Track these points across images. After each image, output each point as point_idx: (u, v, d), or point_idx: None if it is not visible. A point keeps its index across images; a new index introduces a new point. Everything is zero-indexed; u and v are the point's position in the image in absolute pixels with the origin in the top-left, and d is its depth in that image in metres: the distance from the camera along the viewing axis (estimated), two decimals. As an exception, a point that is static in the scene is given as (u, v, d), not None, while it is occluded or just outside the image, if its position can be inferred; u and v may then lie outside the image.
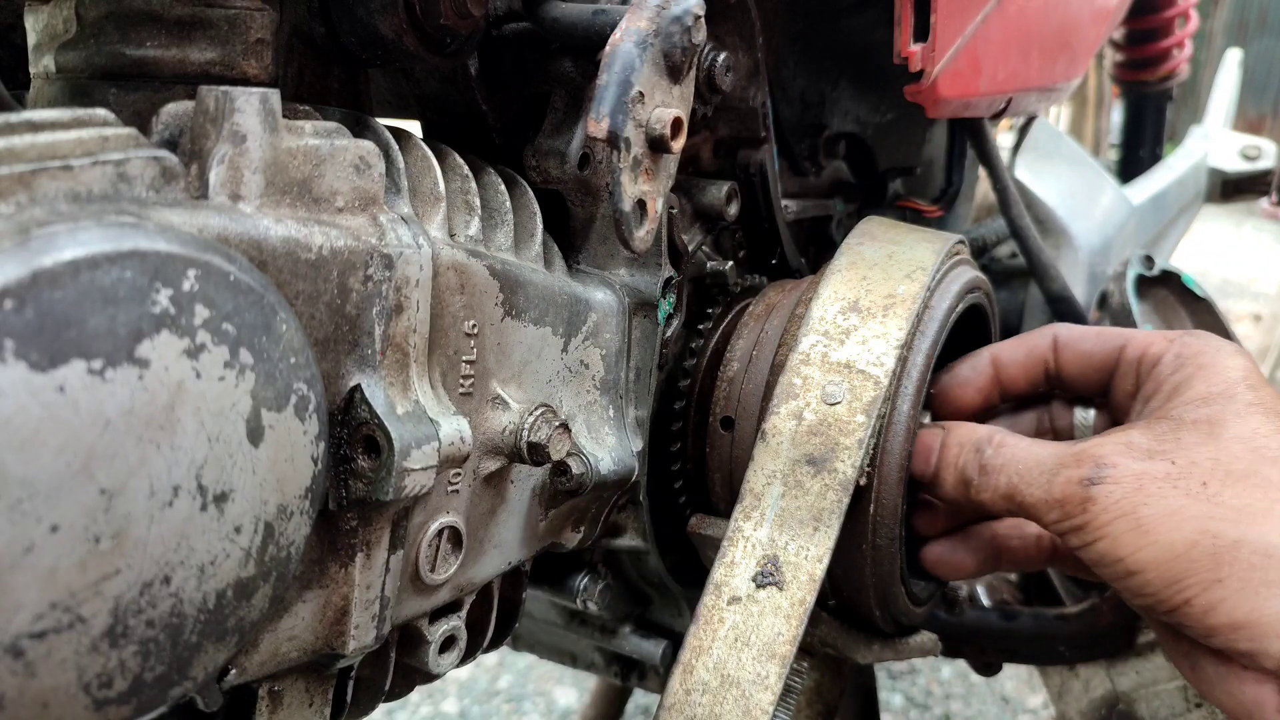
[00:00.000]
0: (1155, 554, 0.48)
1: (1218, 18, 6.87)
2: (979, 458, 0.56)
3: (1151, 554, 0.48)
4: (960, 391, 0.63)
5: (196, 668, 0.35)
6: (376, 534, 0.44)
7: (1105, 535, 0.50)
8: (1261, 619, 0.46)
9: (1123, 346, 0.59)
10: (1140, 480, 0.49)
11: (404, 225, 0.43)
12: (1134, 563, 0.49)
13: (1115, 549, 0.49)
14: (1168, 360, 0.56)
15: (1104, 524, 0.50)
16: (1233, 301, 4.04)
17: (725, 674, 0.50)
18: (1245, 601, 0.46)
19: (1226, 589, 0.46)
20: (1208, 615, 0.47)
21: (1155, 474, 0.49)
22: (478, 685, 1.75)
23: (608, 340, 0.58)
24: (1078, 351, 0.61)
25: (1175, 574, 0.48)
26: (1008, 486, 0.55)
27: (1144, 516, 0.49)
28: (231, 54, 0.44)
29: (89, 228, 0.30)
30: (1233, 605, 0.46)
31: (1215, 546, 0.47)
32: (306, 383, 0.37)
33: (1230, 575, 0.46)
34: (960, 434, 0.58)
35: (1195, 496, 0.48)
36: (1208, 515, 0.47)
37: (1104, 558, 0.50)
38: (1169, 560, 0.48)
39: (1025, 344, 0.63)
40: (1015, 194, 0.88)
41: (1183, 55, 1.78)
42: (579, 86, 0.56)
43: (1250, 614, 0.46)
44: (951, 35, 0.66)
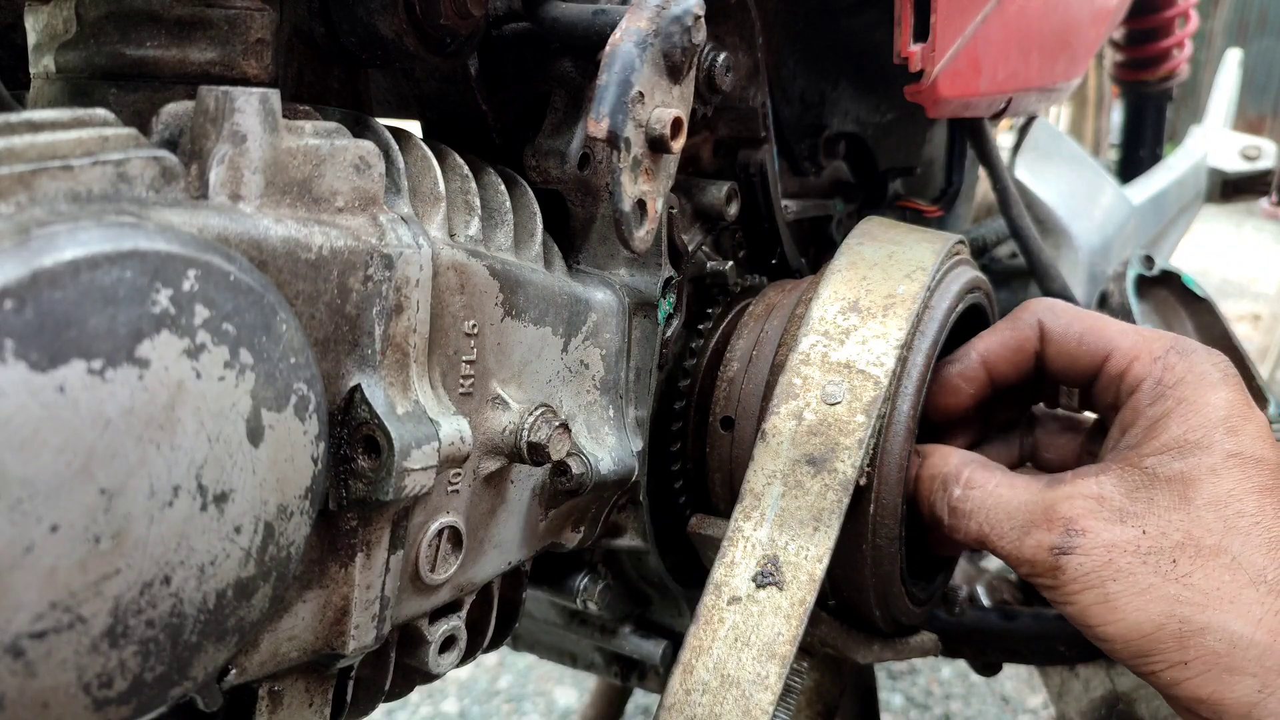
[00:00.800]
0: (1123, 630, 0.49)
1: (1218, 18, 6.86)
2: (948, 497, 0.56)
3: (1119, 630, 0.49)
4: (951, 399, 0.63)
5: (196, 668, 0.35)
6: (376, 534, 0.44)
7: (1074, 604, 0.51)
8: (1224, 701, 0.47)
9: (1106, 357, 0.58)
10: (1110, 553, 0.50)
11: (404, 225, 0.43)
12: (1102, 634, 0.50)
13: (1084, 617, 0.51)
14: (1147, 388, 0.55)
15: (1073, 593, 0.51)
16: (1233, 301, 4.04)
17: (725, 674, 0.50)
18: (1208, 684, 0.48)
19: (1191, 670, 0.48)
20: (1172, 689, 0.49)
21: (1126, 546, 0.50)
22: (478, 685, 1.75)
23: (608, 340, 0.58)
24: (1062, 350, 0.60)
25: (1142, 650, 0.49)
26: (978, 533, 0.55)
27: (1112, 593, 0.50)
28: (231, 54, 0.44)
29: (89, 228, 0.30)
30: (1197, 685, 0.48)
31: (1182, 631, 0.48)
32: (306, 383, 0.37)
33: (1195, 659, 0.48)
34: (932, 465, 0.58)
35: (1165, 576, 0.49)
36: (1175, 597, 0.49)
37: (1075, 619, 0.52)
38: (1136, 639, 0.49)
39: (1013, 338, 0.61)
40: (1015, 194, 0.88)
41: (1183, 55, 1.78)
42: (579, 86, 0.56)
43: (1212, 695, 0.48)
44: (951, 35, 0.66)
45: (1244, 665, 0.47)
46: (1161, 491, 0.51)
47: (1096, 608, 0.50)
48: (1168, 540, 0.50)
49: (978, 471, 0.57)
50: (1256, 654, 0.47)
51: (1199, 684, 0.48)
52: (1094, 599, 0.50)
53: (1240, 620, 0.47)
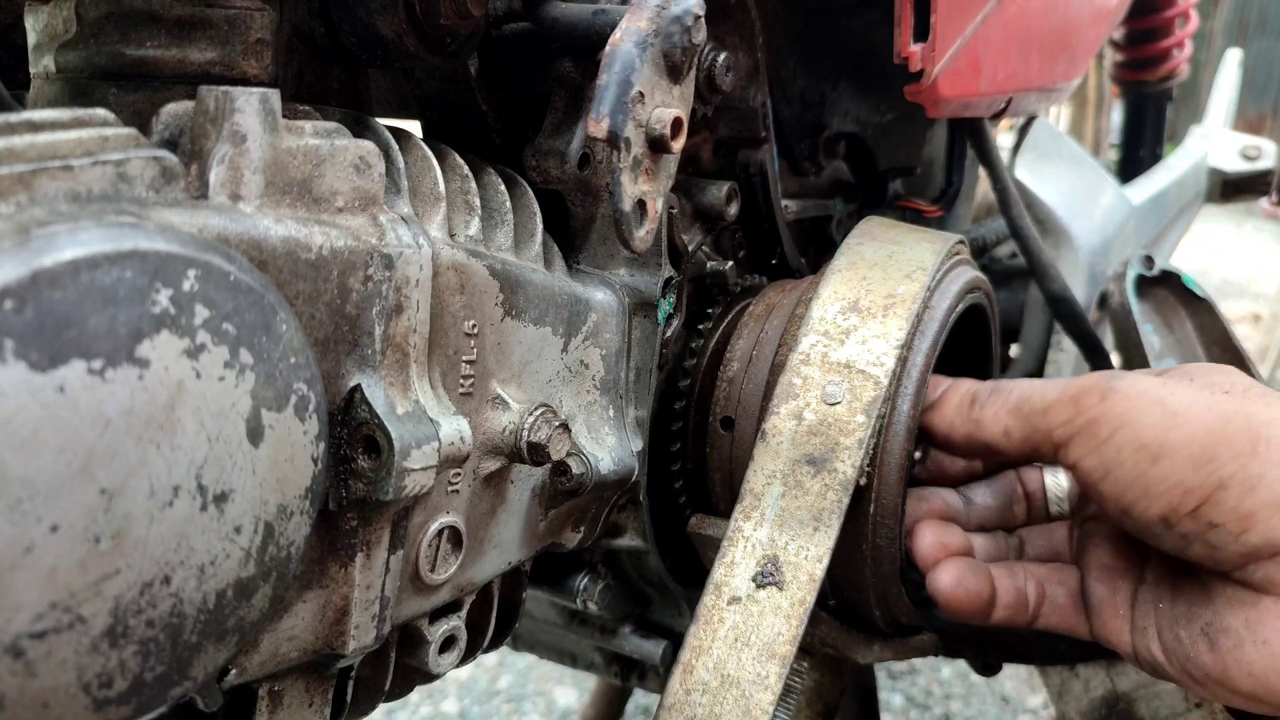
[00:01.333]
0: (1187, 432, 0.45)
1: (1218, 18, 6.87)
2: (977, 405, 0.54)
3: (1182, 434, 0.45)
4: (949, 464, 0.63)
5: (196, 668, 0.35)
6: (376, 534, 0.44)
7: (1127, 422, 0.46)
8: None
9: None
10: (1161, 380, 0.47)
11: (404, 225, 0.43)
12: (1161, 445, 0.45)
13: (1139, 434, 0.46)
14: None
15: (1126, 410, 0.46)
16: (1233, 301, 4.04)
17: (725, 674, 0.50)
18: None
19: (1265, 463, 0.43)
20: (1246, 497, 0.44)
21: (1177, 380, 0.47)
22: (478, 685, 1.75)
23: (608, 340, 0.58)
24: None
25: (1208, 451, 0.44)
26: (1019, 398, 0.52)
27: (1170, 400, 0.46)
28: (231, 54, 0.44)
29: (89, 228, 0.30)
30: (1274, 479, 0.43)
31: (1250, 423, 0.44)
32: (306, 383, 0.37)
33: (1267, 450, 0.44)
34: (960, 388, 0.57)
35: (1220, 396, 0.46)
36: (1237, 405, 0.45)
37: (1123, 449, 0.46)
38: (1202, 433, 0.44)
39: None
40: (1015, 194, 0.88)
41: (1183, 55, 1.78)
42: (579, 86, 0.56)
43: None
44: (951, 35, 0.66)
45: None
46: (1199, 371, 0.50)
47: (1155, 415, 0.45)
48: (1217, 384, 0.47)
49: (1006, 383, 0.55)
50: None
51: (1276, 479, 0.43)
52: (1151, 407, 0.46)
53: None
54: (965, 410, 0.55)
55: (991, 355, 0.73)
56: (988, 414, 0.53)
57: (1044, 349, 1.18)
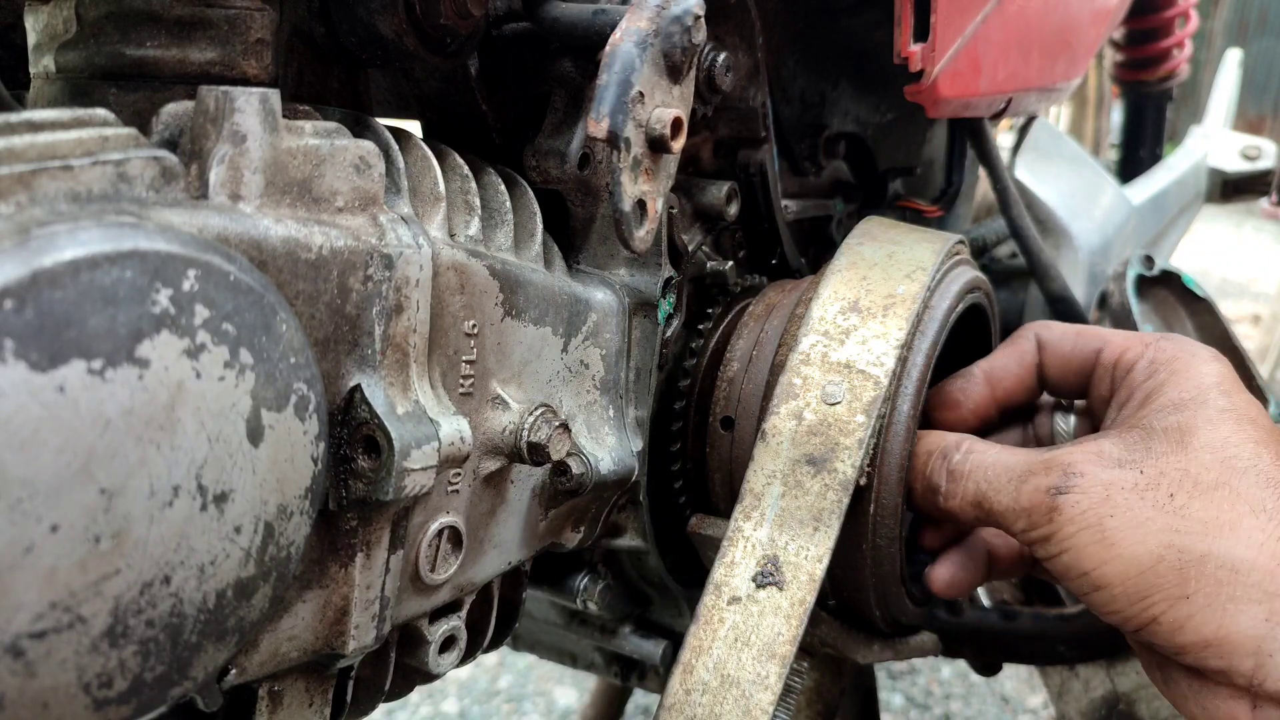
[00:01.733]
0: (1120, 568, 0.47)
1: (1218, 18, 6.87)
2: (946, 464, 0.56)
3: (1116, 568, 0.47)
4: (953, 414, 0.63)
5: (196, 668, 0.35)
6: (376, 534, 0.44)
7: (1070, 547, 0.49)
8: (1230, 636, 0.45)
9: (1099, 350, 0.58)
10: (1108, 490, 0.49)
11: (404, 225, 0.43)
12: (1099, 577, 0.48)
13: (1080, 562, 0.49)
14: (1141, 366, 0.55)
15: (1069, 535, 0.49)
16: (1233, 301, 4.04)
17: (725, 674, 0.50)
18: (1213, 618, 0.45)
19: (1193, 605, 0.46)
20: (1176, 634, 0.46)
21: (1123, 484, 0.49)
22: (478, 685, 1.75)
23: (608, 340, 0.58)
24: (1057, 354, 0.60)
25: (1141, 589, 0.47)
26: (975, 493, 0.54)
27: (1109, 529, 0.48)
28: (231, 54, 0.44)
29: (89, 228, 0.30)
30: (1200, 622, 0.45)
31: (1181, 561, 0.46)
32: (306, 383, 0.37)
33: (1197, 591, 0.46)
34: (929, 442, 0.57)
35: (1162, 509, 0.47)
36: (1174, 528, 0.47)
37: (1069, 570, 0.50)
38: (1134, 575, 0.47)
39: (1014, 353, 0.62)
40: (1015, 194, 0.88)
41: (1183, 55, 1.78)
42: (579, 86, 0.56)
43: (1218, 631, 0.45)
44: (951, 35, 0.66)
45: (1248, 593, 0.45)
46: (1159, 440, 0.50)
47: (1093, 547, 0.48)
48: (1165, 478, 0.48)
49: (977, 442, 0.56)
50: (1259, 579, 0.45)
51: (1203, 620, 0.45)
52: (1090, 538, 0.48)
53: (1241, 546, 0.45)
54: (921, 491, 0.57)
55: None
56: (950, 498, 0.56)
57: (1044, 349, 1.18)
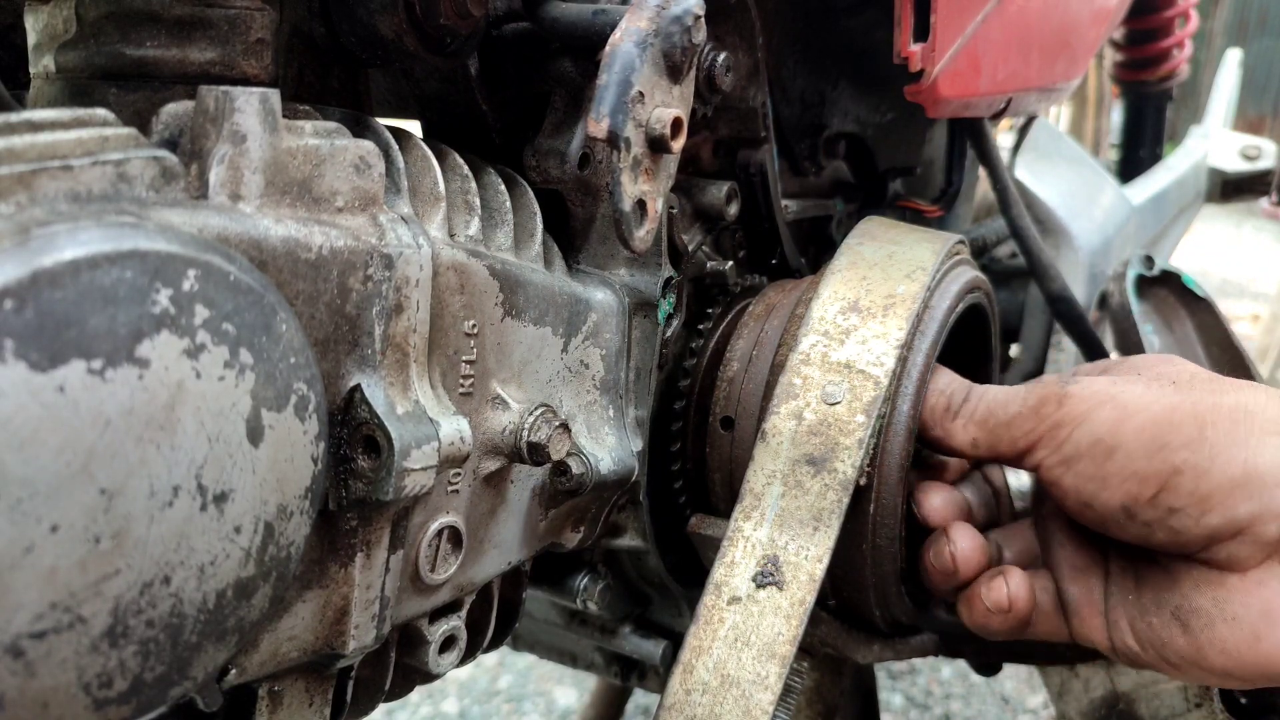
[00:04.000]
0: (1137, 423, 0.47)
1: (1218, 18, 6.87)
2: (964, 391, 0.57)
3: (1133, 424, 0.47)
4: None
5: (196, 668, 0.35)
6: (376, 534, 0.44)
7: (1083, 421, 0.49)
8: (1259, 468, 0.44)
9: None
10: (1114, 380, 0.50)
11: (404, 225, 0.43)
12: (1114, 438, 0.48)
13: (1093, 430, 0.48)
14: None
15: (1081, 412, 0.49)
16: (1233, 301, 4.04)
17: (725, 674, 0.50)
18: (1238, 454, 0.45)
19: (1214, 445, 0.45)
20: (1201, 480, 0.45)
21: (1127, 378, 0.50)
22: (478, 685, 1.75)
23: (608, 340, 0.58)
24: None
25: (1159, 438, 0.46)
26: (985, 411, 0.54)
27: (1120, 395, 0.49)
28: (231, 54, 0.44)
29: (89, 228, 0.30)
30: (1226, 460, 0.45)
31: (1196, 409, 0.46)
32: (306, 383, 0.37)
33: (1214, 431, 0.46)
34: (940, 381, 0.58)
35: (1168, 387, 0.49)
36: (1183, 395, 0.48)
37: (1079, 447, 0.49)
38: (1149, 425, 0.47)
39: None
40: (1015, 194, 0.88)
41: (1183, 55, 1.78)
42: (579, 86, 0.56)
43: (1245, 465, 0.45)
44: (951, 35, 0.66)
45: (1266, 425, 0.45)
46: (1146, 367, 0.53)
47: (1107, 410, 0.48)
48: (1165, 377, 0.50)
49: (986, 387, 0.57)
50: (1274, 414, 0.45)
51: (1228, 458, 0.45)
52: (1105, 410, 0.48)
53: (1248, 395, 0.46)
54: (937, 416, 0.57)
55: (991, 355, 0.73)
56: (957, 425, 0.56)
57: (1044, 349, 1.18)
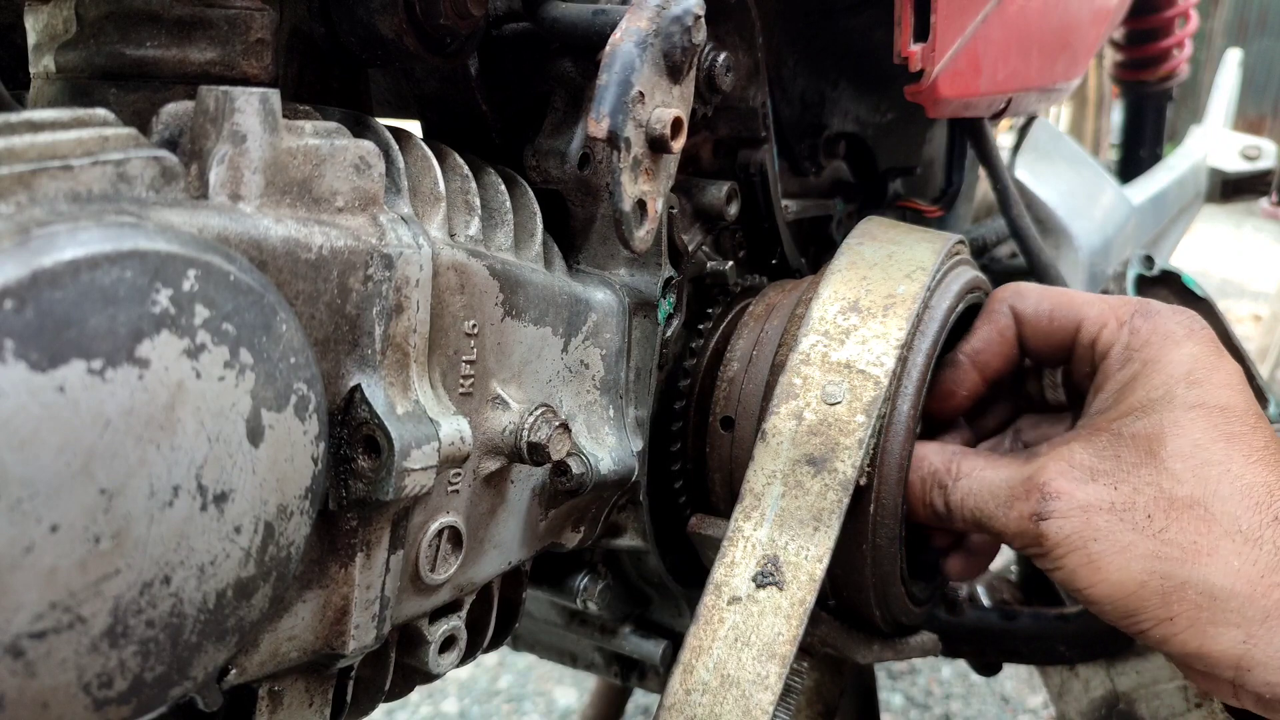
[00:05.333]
0: (1108, 590, 0.50)
1: (1218, 18, 6.87)
2: (944, 494, 0.57)
3: (1104, 590, 0.50)
4: (948, 404, 0.64)
5: (196, 668, 0.35)
6: (376, 534, 0.44)
7: (1062, 567, 0.52)
8: (1211, 653, 0.48)
9: (1077, 327, 0.59)
10: (1086, 514, 0.51)
11: (404, 225, 0.43)
12: (1089, 595, 0.51)
13: (1073, 580, 0.52)
14: (1116, 352, 0.56)
15: (1059, 557, 0.52)
16: (1233, 301, 4.04)
17: (725, 674, 0.50)
18: (1194, 639, 0.49)
19: (1177, 626, 0.49)
20: (1163, 645, 0.50)
21: (1100, 505, 0.51)
22: (478, 685, 1.75)
23: (608, 340, 0.58)
24: (1036, 329, 0.61)
25: (1129, 609, 0.50)
26: (974, 519, 0.56)
27: (1094, 553, 0.50)
28: (231, 54, 0.44)
29: (89, 228, 0.30)
30: (1183, 640, 0.49)
31: (1164, 587, 0.49)
32: (306, 383, 0.37)
33: (1179, 615, 0.49)
34: (919, 467, 0.58)
35: (1141, 531, 0.50)
36: (1155, 554, 0.49)
37: (1065, 584, 0.53)
38: (1121, 598, 0.50)
39: (993, 331, 0.62)
40: (1015, 194, 0.88)
41: (1183, 55, 1.78)
42: (579, 86, 0.56)
43: (1199, 649, 0.48)
44: (951, 35, 0.66)
45: (1226, 617, 0.48)
46: (1128, 449, 0.52)
47: (1082, 570, 0.51)
48: (1140, 496, 0.50)
49: (964, 461, 0.58)
50: (1237, 605, 0.48)
51: (1186, 639, 0.49)
52: (1079, 561, 0.51)
53: (1219, 573, 0.48)
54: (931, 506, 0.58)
55: (991, 355, 0.73)
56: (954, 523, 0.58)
57: (1044, 349, 1.18)
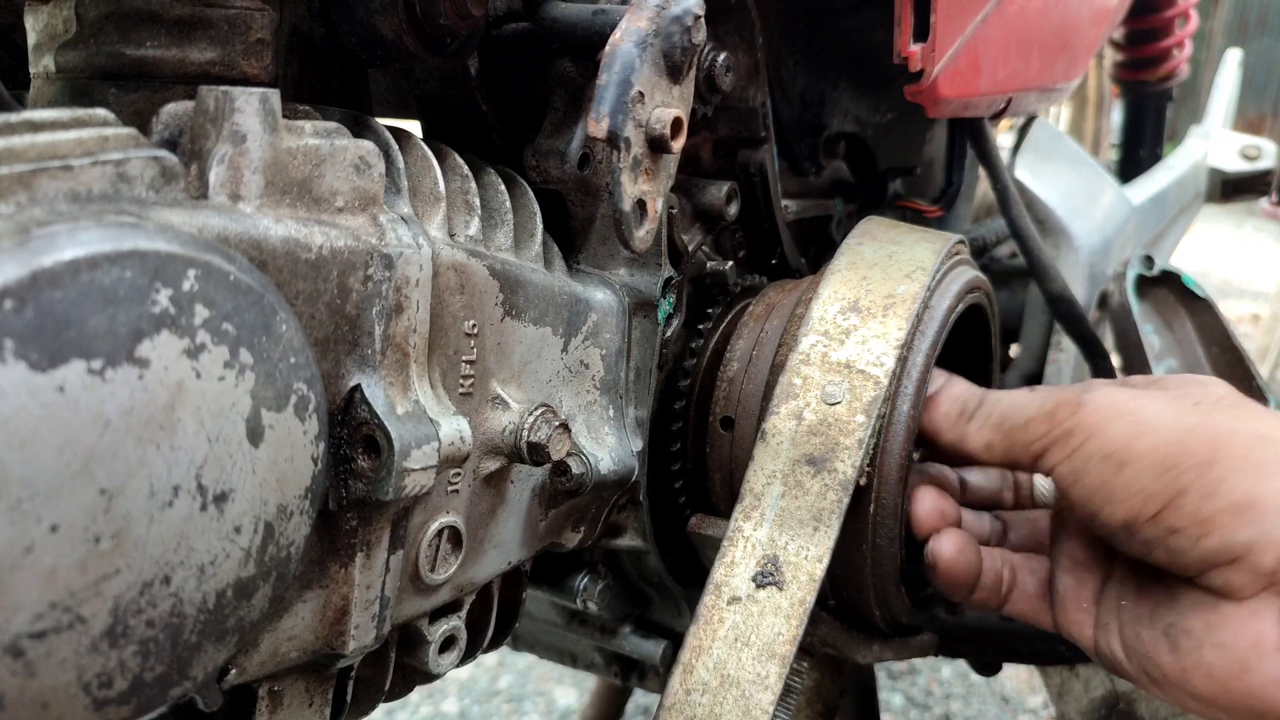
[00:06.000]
0: (1150, 441, 0.46)
1: (1218, 18, 6.87)
2: (978, 397, 0.56)
3: (1146, 442, 0.47)
4: None
5: (196, 668, 0.35)
6: (376, 534, 0.44)
7: (1097, 433, 0.48)
8: (1262, 497, 0.44)
9: None
10: (1133, 392, 0.49)
11: (404, 225, 0.43)
12: (1126, 453, 0.47)
13: (1106, 443, 0.48)
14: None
15: (1096, 422, 0.48)
16: (1233, 301, 4.04)
17: (725, 674, 0.50)
18: (1244, 482, 0.44)
19: (1223, 470, 0.45)
20: (1204, 503, 0.45)
21: (1149, 393, 0.49)
22: (478, 685, 1.75)
23: (608, 340, 0.58)
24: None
25: (1169, 458, 0.46)
26: (1000, 414, 0.54)
27: (1138, 410, 0.48)
28: (231, 54, 0.44)
29: (89, 228, 0.30)
30: (1231, 485, 0.44)
31: (1211, 434, 0.46)
32: (306, 383, 0.37)
33: (1226, 457, 0.45)
34: (955, 388, 0.58)
35: (1188, 408, 0.48)
36: (1203, 416, 0.47)
37: (1090, 458, 0.48)
38: (1164, 445, 0.46)
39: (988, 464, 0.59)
40: (1015, 194, 0.88)
41: (1183, 55, 1.78)
42: (579, 86, 0.56)
43: (1250, 493, 0.44)
44: (951, 35, 0.66)
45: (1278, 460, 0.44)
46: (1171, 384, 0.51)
47: (1121, 424, 0.47)
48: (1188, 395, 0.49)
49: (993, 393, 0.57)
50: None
51: (1234, 484, 0.44)
52: (1121, 423, 0.48)
53: (1267, 423, 0.46)
54: (952, 420, 0.57)
55: (991, 355, 0.73)
56: (972, 428, 0.56)
57: (1044, 349, 1.18)
